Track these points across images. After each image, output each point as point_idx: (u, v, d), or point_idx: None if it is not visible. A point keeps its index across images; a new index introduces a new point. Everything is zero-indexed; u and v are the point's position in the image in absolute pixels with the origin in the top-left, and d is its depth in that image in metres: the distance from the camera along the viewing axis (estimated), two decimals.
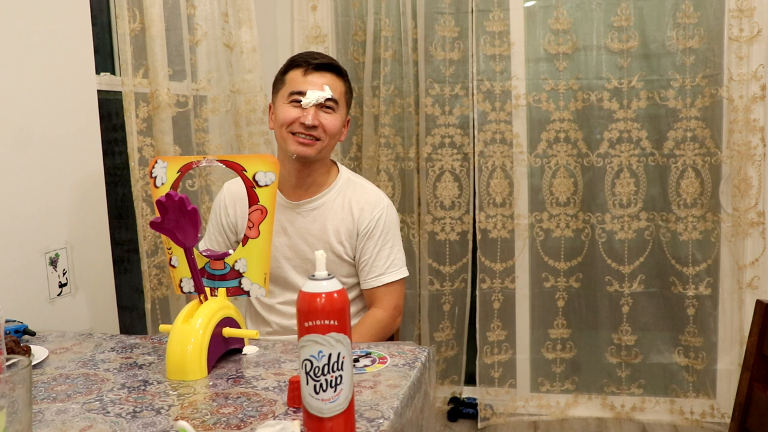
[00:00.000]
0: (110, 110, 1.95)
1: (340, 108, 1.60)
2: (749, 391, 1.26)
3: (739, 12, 2.44)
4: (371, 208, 1.66)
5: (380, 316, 1.65)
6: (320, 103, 1.55)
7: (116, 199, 1.99)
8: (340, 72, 1.62)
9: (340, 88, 1.61)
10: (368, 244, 1.65)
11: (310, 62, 1.58)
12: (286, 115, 1.57)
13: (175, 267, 1.28)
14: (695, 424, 2.69)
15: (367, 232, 1.64)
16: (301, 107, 1.55)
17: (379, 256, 1.65)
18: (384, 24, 2.64)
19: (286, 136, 1.58)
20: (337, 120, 1.59)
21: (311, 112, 1.54)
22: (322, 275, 0.84)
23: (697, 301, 2.65)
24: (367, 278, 1.66)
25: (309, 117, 1.54)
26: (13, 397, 0.77)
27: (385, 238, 1.66)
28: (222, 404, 1.00)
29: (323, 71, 1.58)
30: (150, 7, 1.84)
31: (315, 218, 1.65)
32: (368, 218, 1.65)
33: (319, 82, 1.56)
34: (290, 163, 1.61)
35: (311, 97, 1.54)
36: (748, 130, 2.48)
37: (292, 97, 1.56)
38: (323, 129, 1.56)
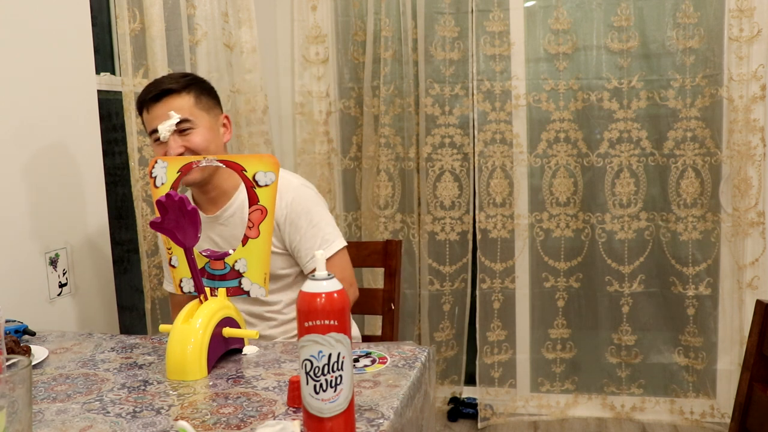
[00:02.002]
0: (110, 110, 1.95)
1: (200, 118, 1.56)
2: (749, 391, 1.26)
3: (739, 12, 2.44)
4: (281, 197, 1.64)
5: None
6: (177, 129, 1.53)
7: (116, 199, 1.99)
8: (177, 90, 1.56)
9: (187, 103, 1.55)
10: (292, 230, 1.63)
11: (145, 99, 1.56)
12: (156, 153, 1.56)
13: (175, 267, 1.28)
14: (695, 424, 2.69)
15: (285, 219, 1.62)
16: (162, 143, 1.54)
17: (307, 236, 1.63)
18: (384, 24, 2.64)
19: None
20: (201, 134, 1.56)
21: (172, 143, 1.52)
22: (322, 275, 0.84)
23: (697, 301, 2.65)
24: (306, 262, 1.64)
25: (172, 149, 1.53)
26: (13, 397, 0.77)
27: (307, 217, 1.64)
28: (222, 404, 1.00)
29: (161, 100, 1.55)
30: (150, 7, 1.84)
31: (236, 224, 1.63)
32: (280, 207, 1.63)
33: (162, 112, 1.53)
34: (192, 188, 1.64)
35: (163, 131, 1.52)
36: (748, 130, 2.48)
37: (153, 136, 1.56)
38: (192, 151, 1.54)
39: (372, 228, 2.76)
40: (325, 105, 2.75)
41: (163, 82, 1.57)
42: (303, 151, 2.76)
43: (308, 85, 2.74)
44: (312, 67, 2.74)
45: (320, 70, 2.74)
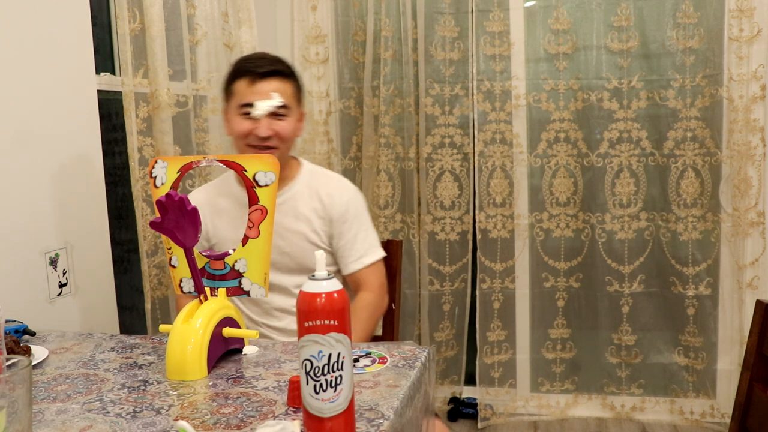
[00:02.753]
0: (110, 110, 1.95)
1: (292, 110, 1.59)
2: (749, 391, 1.26)
3: (739, 12, 2.44)
4: (340, 194, 1.68)
5: (370, 298, 1.66)
6: (272, 112, 1.55)
7: (116, 199, 1.99)
8: (287, 74, 1.60)
9: (289, 91, 1.59)
10: (344, 228, 1.66)
11: (254, 71, 1.56)
12: (240, 128, 1.56)
13: (175, 267, 1.28)
14: (695, 424, 2.69)
15: (340, 216, 1.65)
16: (252, 118, 1.55)
17: (357, 238, 1.67)
18: (384, 24, 2.64)
19: (243, 149, 1.58)
20: (290, 124, 1.59)
21: (263, 123, 1.54)
22: (322, 275, 0.84)
23: (697, 301, 2.65)
24: (349, 262, 1.67)
25: (262, 129, 1.54)
26: (13, 397, 0.77)
27: (359, 220, 1.68)
28: (222, 404, 1.00)
29: (269, 78, 1.56)
30: (150, 7, 1.84)
31: (286, 212, 1.63)
32: (339, 203, 1.66)
33: (266, 90, 1.55)
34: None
35: (261, 108, 1.53)
36: (748, 130, 2.48)
37: (242, 109, 1.55)
38: (278, 137, 1.56)
39: None
40: (325, 105, 2.75)
41: (273, 62, 1.58)
42: (303, 151, 2.76)
43: (308, 85, 2.74)
44: (312, 67, 2.74)
45: (320, 70, 2.74)
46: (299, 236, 1.64)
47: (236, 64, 1.62)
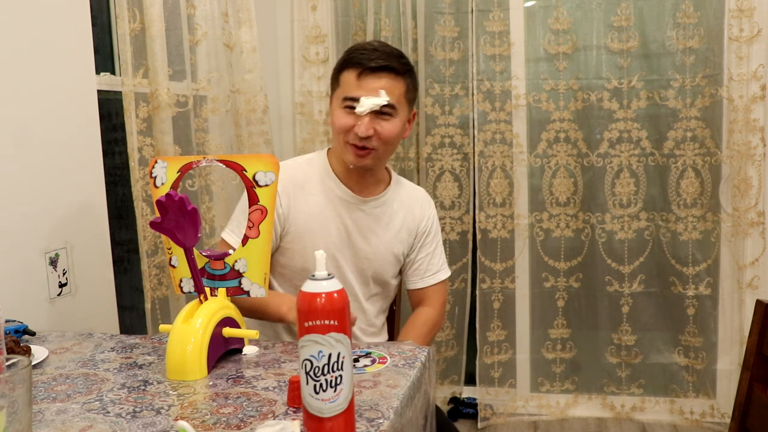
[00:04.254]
0: (110, 110, 1.95)
1: (400, 111, 1.48)
2: (749, 391, 1.26)
3: (739, 12, 2.44)
4: (428, 206, 1.65)
5: (432, 314, 1.63)
6: (375, 110, 1.43)
7: (116, 199, 1.99)
8: (399, 72, 1.47)
9: (399, 90, 1.47)
10: (426, 241, 1.63)
11: (365, 64, 1.44)
12: (341, 122, 1.46)
13: (175, 267, 1.28)
14: (695, 424, 2.69)
15: (425, 229, 1.63)
16: (355, 114, 1.44)
17: (435, 253, 1.64)
18: (384, 24, 2.64)
19: (341, 144, 1.49)
20: (394, 126, 1.47)
21: (365, 121, 1.43)
22: (322, 275, 0.84)
23: (697, 301, 2.65)
24: (424, 276, 1.63)
25: (362, 127, 1.43)
26: (13, 397, 0.77)
27: (438, 236, 1.67)
28: (222, 404, 1.00)
29: (380, 73, 1.44)
30: (150, 7, 1.84)
31: (379, 217, 1.58)
32: (427, 216, 1.63)
33: (374, 86, 1.43)
34: (348, 166, 1.54)
35: (366, 105, 1.41)
36: (748, 130, 2.48)
37: (346, 102, 1.45)
38: (379, 138, 1.45)
39: None
40: (325, 105, 2.75)
41: (387, 57, 1.45)
42: (303, 151, 2.76)
43: (308, 85, 2.74)
44: (312, 67, 2.74)
45: (320, 70, 2.74)
46: (386, 245, 1.59)
47: (349, 51, 1.49)
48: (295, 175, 1.55)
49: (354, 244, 1.57)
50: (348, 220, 1.56)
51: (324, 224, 1.54)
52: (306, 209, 1.54)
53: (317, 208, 1.54)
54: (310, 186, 1.56)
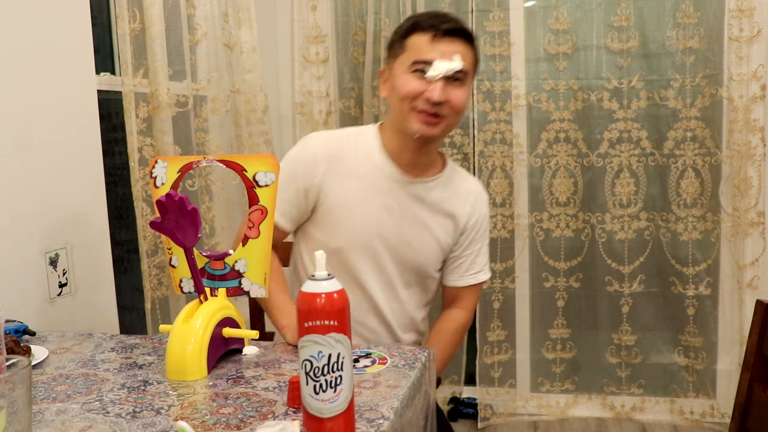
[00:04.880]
0: (110, 110, 1.95)
1: (468, 80, 1.40)
2: (749, 391, 1.26)
3: (739, 12, 2.44)
4: (482, 202, 1.55)
5: (463, 318, 1.57)
6: (447, 75, 1.35)
7: (116, 199, 1.99)
8: (470, 39, 1.40)
9: (470, 58, 1.39)
10: (474, 238, 1.53)
11: (438, 27, 1.35)
12: (409, 87, 1.36)
13: (175, 267, 1.28)
14: (695, 424, 2.69)
15: (475, 225, 1.53)
16: (425, 79, 1.35)
17: (481, 252, 1.56)
18: (384, 24, 2.64)
19: (406, 111, 1.38)
20: (465, 94, 1.39)
21: (438, 86, 1.34)
22: (322, 275, 0.83)
23: (697, 301, 2.65)
24: (464, 275, 1.55)
25: (436, 92, 1.33)
26: (13, 397, 0.77)
27: (487, 235, 1.58)
28: (222, 404, 1.00)
29: (454, 38, 1.36)
30: (150, 7, 1.84)
31: (426, 202, 1.47)
32: (479, 212, 1.53)
33: (448, 50, 1.35)
34: (405, 139, 1.43)
35: (439, 69, 1.33)
36: (748, 130, 2.48)
37: (416, 66, 1.36)
38: (450, 105, 1.36)
39: None
40: (325, 105, 2.75)
41: (459, 22, 1.39)
42: None
43: (308, 85, 2.74)
44: (312, 67, 2.74)
45: (320, 70, 2.74)
46: (430, 233, 1.49)
47: (415, 17, 1.42)
48: (340, 147, 1.46)
49: (396, 226, 1.47)
50: (392, 200, 1.46)
51: (365, 201, 1.44)
52: (346, 183, 1.43)
53: (359, 184, 1.44)
54: (356, 159, 1.45)
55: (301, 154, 1.46)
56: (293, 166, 1.45)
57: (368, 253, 1.47)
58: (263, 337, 1.64)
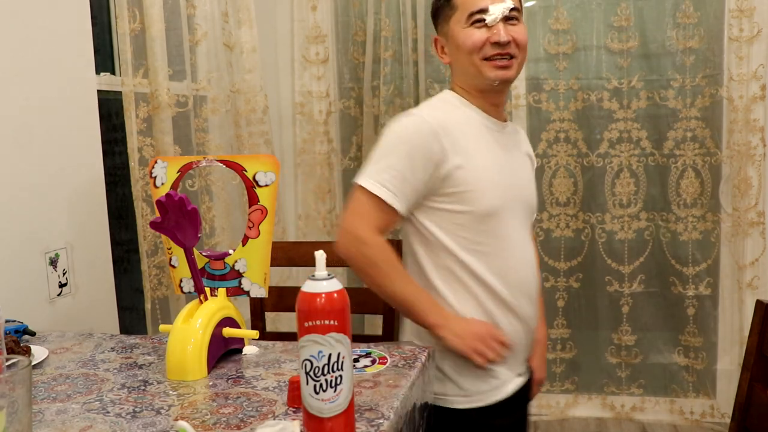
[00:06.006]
0: (110, 110, 1.95)
1: (521, 16, 1.41)
2: (749, 391, 1.26)
3: (739, 12, 2.44)
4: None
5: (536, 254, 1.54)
6: (504, 17, 1.36)
7: (116, 199, 1.99)
8: None
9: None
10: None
11: None
12: (474, 39, 1.35)
13: (175, 267, 1.28)
14: (695, 424, 2.69)
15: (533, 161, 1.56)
16: (485, 27, 1.35)
17: None
18: (384, 24, 2.64)
19: (479, 64, 1.37)
20: (524, 29, 1.40)
21: (500, 28, 1.34)
22: (322, 275, 0.83)
23: (697, 301, 2.65)
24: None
25: (501, 33, 1.34)
26: (13, 397, 0.77)
27: None
28: (222, 404, 1.00)
29: None
30: (150, 7, 1.84)
31: (516, 143, 1.47)
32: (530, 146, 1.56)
33: None
34: (485, 91, 1.42)
35: (496, 12, 1.34)
36: (748, 130, 2.48)
37: (473, 17, 1.36)
38: (516, 43, 1.37)
39: None
40: (325, 105, 2.75)
41: None
42: (303, 151, 2.76)
43: (308, 85, 2.74)
44: (312, 67, 2.74)
45: (320, 70, 2.74)
46: (530, 174, 1.49)
47: None
48: (443, 116, 1.39)
49: (514, 175, 1.45)
50: (501, 150, 1.43)
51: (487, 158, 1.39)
52: (468, 147, 1.37)
53: (477, 144, 1.39)
54: (459, 121, 1.40)
55: (418, 129, 1.35)
56: (414, 142, 1.33)
57: (510, 209, 1.41)
58: (263, 337, 1.64)
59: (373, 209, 1.33)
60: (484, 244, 1.36)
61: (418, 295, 1.34)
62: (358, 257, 1.33)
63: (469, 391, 1.37)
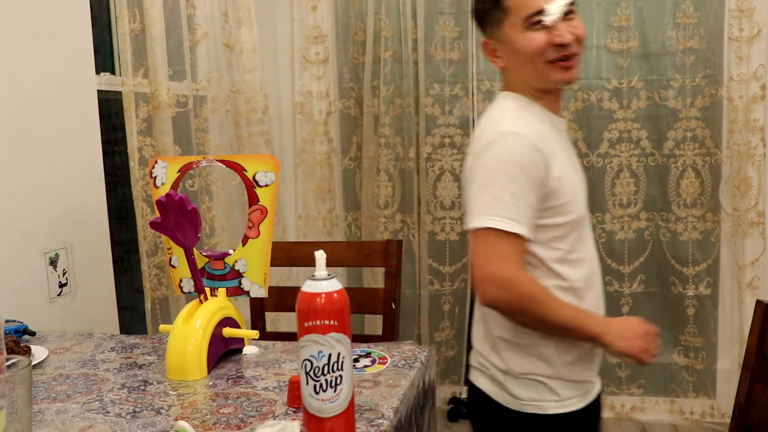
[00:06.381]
0: (110, 110, 1.95)
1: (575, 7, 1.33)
2: (749, 391, 1.26)
3: (739, 12, 2.44)
4: None
5: None
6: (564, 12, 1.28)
7: (116, 199, 1.99)
8: None
9: None
10: None
11: None
12: (536, 43, 1.27)
13: (175, 267, 1.28)
14: (695, 424, 2.69)
15: None
16: (544, 28, 1.27)
17: None
18: (384, 24, 2.64)
19: (541, 68, 1.30)
20: (582, 21, 1.32)
21: (562, 28, 1.27)
22: (322, 275, 0.83)
23: (697, 301, 2.65)
24: None
25: (564, 34, 1.26)
26: (13, 397, 0.77)
27: None
28: (222, 404, 1.00)
29: None
30: (150, 7, 1.84)
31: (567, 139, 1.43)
32: None
33: None
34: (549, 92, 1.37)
35: (556, 11, 1.26)
36: (748, 130, 2.48)
37: (531, 20, 1.27)
38: (577, 40, 1.30)
39: (372, 228, 2.76)
40: (325, 105, 2.75)
41: None
42: (303, 151, 2.76)
43: (308, 85, 2.74)
44: (312, 67, 2.74)
45: (320, 70, 2.74)
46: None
47: None
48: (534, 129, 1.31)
49: (580, 172, 1.40)
50: (569, 149, 1.40)
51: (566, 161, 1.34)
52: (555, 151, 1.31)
53: (558, 147, 1.33)
54: (543, 128, 1.33)
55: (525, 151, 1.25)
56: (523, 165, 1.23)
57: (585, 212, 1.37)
58: (263, 337, 1.64)
59: (509, 247, 1.21)
60: (576, 251, 1.32)
61: (576, 312, 1.28)
62: (516, 300, 1.21)
63: (562, 396, 1.35)
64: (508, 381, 1.31)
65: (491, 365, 1.33)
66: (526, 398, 1.31)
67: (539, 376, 1.32)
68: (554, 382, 1.34)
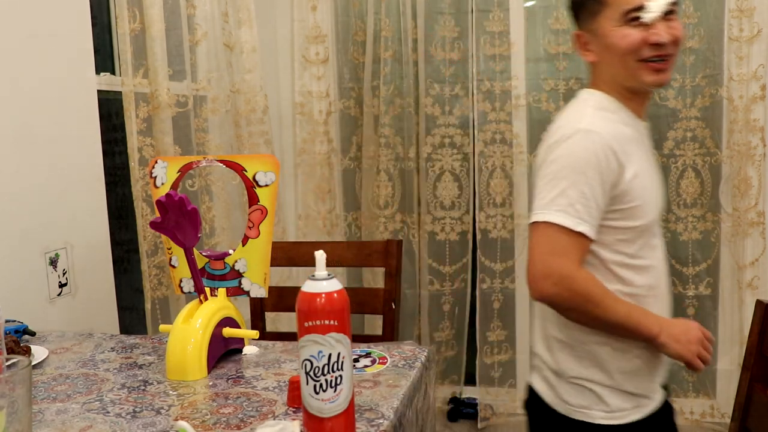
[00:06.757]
0: (110, 110, 1.95)
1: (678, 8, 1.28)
2: (749, 391, 1.26)
3: (739, 12, 2.44)
4: None
5: None
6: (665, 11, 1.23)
7: (116, 199, 1.99)
8: None
9: None
10: None
11: None
12: (631, 39, 1.22)
13: (175, 267, 1.28)
14: (695, 424, 2.69)
15: None
16: (642, 25, 1.22)
17: None
18: (384, 24, 2.64)
19: (633, 66, 1.25)
20: (681, 24, 1.27)
21: (661, 27, 1.22)
22: (322, 275, 0.83)
23: (697, 301, 2.65)
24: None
25: (662, 33, 1.21)
26: (13, 397, 0.77)
27: None
28: (222, 404, 1.00)
29: None
30: (150, 7, 1.84)
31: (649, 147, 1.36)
32: None
33: None
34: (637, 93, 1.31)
35: (657, 8, 1.21)
36: (748, 130, 2.48)
37: (630, 15, 1.22)
38: (674, 41, 1.25)
39: (372, 228, 2.76)
40: (325, 105, 2.75)
41: None
42: (303, 151, 2.76)
43: (308, 85, 2.74)
44: (312, 67, 2.74)
45: (320, 70, 2.74)
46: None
47: None
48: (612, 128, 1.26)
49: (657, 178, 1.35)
50: (649, 154, 1.34)
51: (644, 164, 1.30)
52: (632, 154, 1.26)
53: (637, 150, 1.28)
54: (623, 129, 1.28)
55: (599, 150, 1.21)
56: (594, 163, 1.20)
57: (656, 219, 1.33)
58: (263, 337, 1.64)
59: (570, 244, 1.18)
60: (642, 258, 1.29)
61: (631, 309, 1.25)
62: (571, 296, 1.18)
63: (611, 407, 1.28)
64: (560, 383, 1.28)
65: (545, 365, 1.30)
66: (575, 404, 1.27)
67: (589, 382, 1.27)
68: (605, 390, 1.28)
